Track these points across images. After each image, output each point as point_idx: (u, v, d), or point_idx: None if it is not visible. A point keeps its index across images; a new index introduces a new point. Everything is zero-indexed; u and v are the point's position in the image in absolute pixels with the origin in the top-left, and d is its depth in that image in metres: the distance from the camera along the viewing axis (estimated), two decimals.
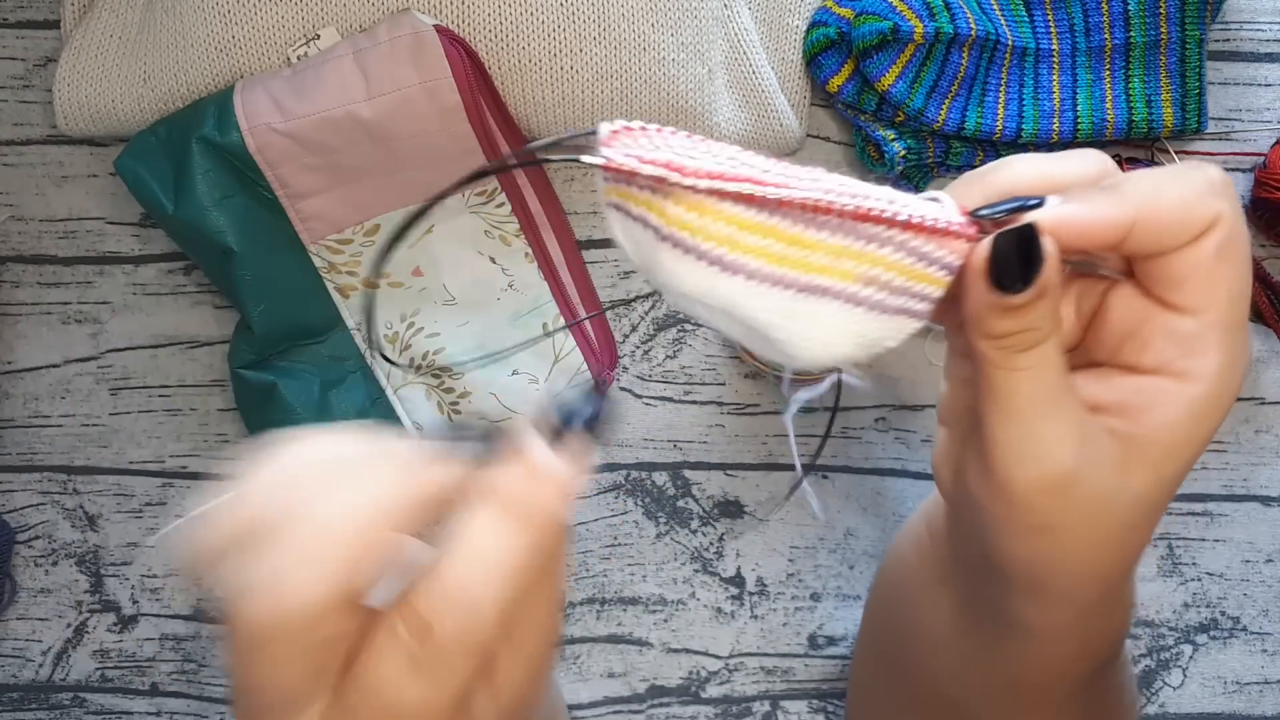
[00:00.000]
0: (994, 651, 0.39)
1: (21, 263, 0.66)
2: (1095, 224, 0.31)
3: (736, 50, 0.63)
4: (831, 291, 0.30)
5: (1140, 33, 0.63)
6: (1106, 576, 0.35)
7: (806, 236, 0.29)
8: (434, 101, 0.58)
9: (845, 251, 0.29)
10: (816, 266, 0.29)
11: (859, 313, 0.31)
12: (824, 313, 0.30)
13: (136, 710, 0.66)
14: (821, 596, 0.66)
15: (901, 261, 0.30)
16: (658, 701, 0.66)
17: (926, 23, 0.60)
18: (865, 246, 0.30)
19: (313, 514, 0.28)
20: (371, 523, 0.28)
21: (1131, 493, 0.32)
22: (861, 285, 0.30)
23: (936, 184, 0.66)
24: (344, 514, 0.28)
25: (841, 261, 0.30)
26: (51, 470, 0.66)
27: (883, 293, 0.31)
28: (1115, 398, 0.33)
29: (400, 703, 0.28)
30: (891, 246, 0.30)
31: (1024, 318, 0.31)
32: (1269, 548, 0.66)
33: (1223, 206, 0.31)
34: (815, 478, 0.66)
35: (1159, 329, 0.32)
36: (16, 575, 0.66)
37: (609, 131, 0.28)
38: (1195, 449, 0.32)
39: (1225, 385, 0.32)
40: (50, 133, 0.66)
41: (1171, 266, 0.32)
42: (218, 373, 0.66)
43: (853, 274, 0.30)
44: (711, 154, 0.29)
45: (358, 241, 0.63)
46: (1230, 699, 0.66)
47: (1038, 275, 0.30)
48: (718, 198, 0.28)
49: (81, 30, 0.63)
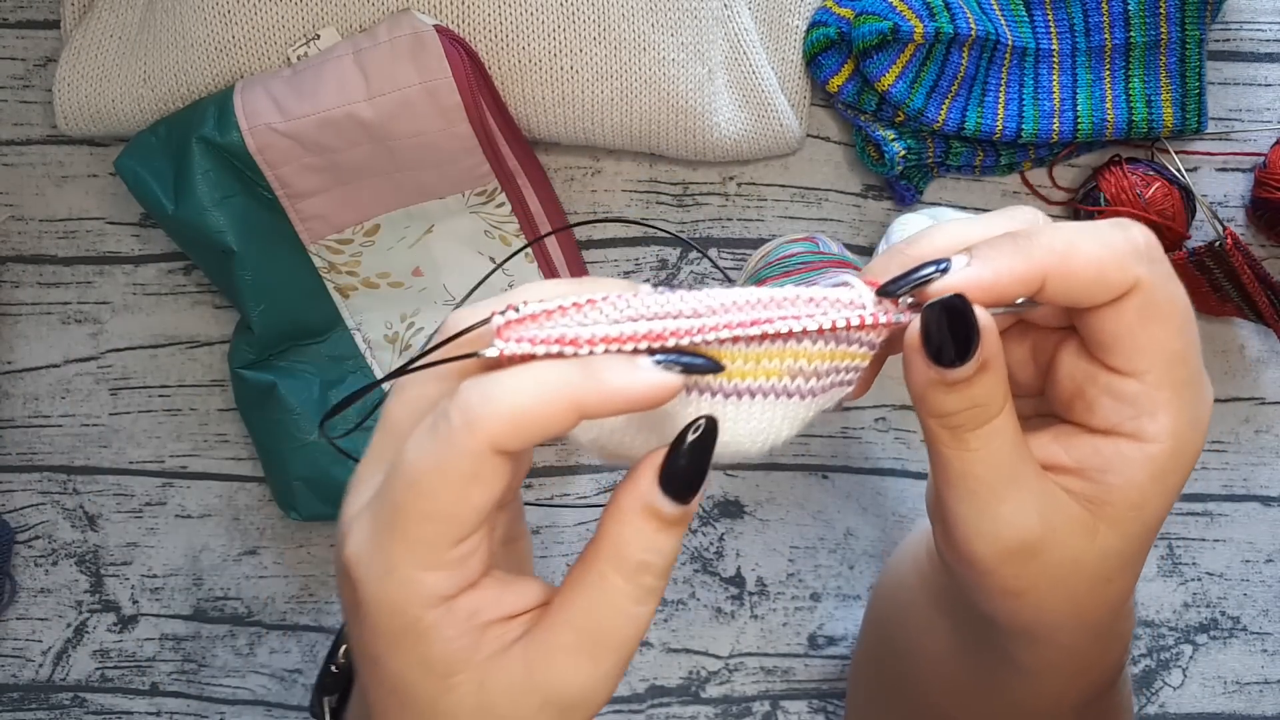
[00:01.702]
0: (989, 679, 0.39)
1: (22, 263, 0.66)
2: (1000, 280, 0.30)
3: (736, 50, 0.63)
4: (760, 390, 0.31)
5: (1140, 33, 0.63)
6: (1090, 625, 0.34)
7: (723, 352, 0.30)
8: (434, 101, 0.58)
9: (765, 355, 0.30)
10: (739, 373, 0.30)
11: (791, 401, 0.31)
12: (756, 409, 0.31)
13: (136, 710, 0.66)
14: (821, 596, 0.66)
15: (823, 350, 0.31)
16: (658, 701, 0.66)
17: (926, 23, 0.60)
18: (784, 347, 0.30)
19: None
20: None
21: (1099, 552, 0.32)
22: (788, 379, 0.31)
23: (936, 184, 0.66)
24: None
25: (763, 364, 0.30)
26: (51, 470, 0.66)
27: (811, 380, 0.31)
28: (1074, 459, 0.32)
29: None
30: (809, 340, 0.30)
31: (968, 393, 0.30)
32: (1269, 547, 0.66)
33: (1141, 271, 0.30)
34: (816, 477, 0.66)
35: (1103, 389, 0.32)
36: (16, 575, 0.66)
37: (501, 323, 0.29)
38: (1161, 506, 0.32)
39: (1182, 443, 0.31)
40: (50, 133, 0.66)
41: (1100, 327, 0.31)
42: (217, 373, 0.66)
43: (777, 371, 0.30)
44: (605, 316, 0.29)
45: (358, 241, 0.63)
46: (1230, 699, 0.66)
47: (975, 349, 0.30)
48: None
49: (81, 30, 0.63)
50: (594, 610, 0.30)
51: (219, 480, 0.66)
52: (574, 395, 0.28)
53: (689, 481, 0.29)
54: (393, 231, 0.63)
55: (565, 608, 0.30)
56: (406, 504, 0.28)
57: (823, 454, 0.66)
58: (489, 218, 0.63)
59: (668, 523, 0.29)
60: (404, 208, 0.62)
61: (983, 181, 0.66)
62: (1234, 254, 0.63)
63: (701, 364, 0.29)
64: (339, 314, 0.64)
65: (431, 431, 0.28)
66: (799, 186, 0.66)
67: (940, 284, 0.30)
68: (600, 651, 0.30)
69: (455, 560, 0.29)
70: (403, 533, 0.28)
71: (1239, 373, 0.66)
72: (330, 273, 0.63)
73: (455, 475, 0.28)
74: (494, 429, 0.27)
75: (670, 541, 0.30)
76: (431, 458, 0.28)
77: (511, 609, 0.31)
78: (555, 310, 0.29)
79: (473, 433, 0.27)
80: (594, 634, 0.30)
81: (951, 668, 0.41)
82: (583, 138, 0.63)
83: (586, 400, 0.28)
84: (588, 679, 0.30)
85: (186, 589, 0.66)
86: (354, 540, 0.30)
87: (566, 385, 0.28)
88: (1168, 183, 0.62)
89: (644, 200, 0.66)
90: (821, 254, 0.61)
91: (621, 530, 0.29)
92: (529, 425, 0.27)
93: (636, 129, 0.63)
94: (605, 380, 0.28)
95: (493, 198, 0.62)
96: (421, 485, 0.28)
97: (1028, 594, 0.33)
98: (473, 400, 0.28)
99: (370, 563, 0.29)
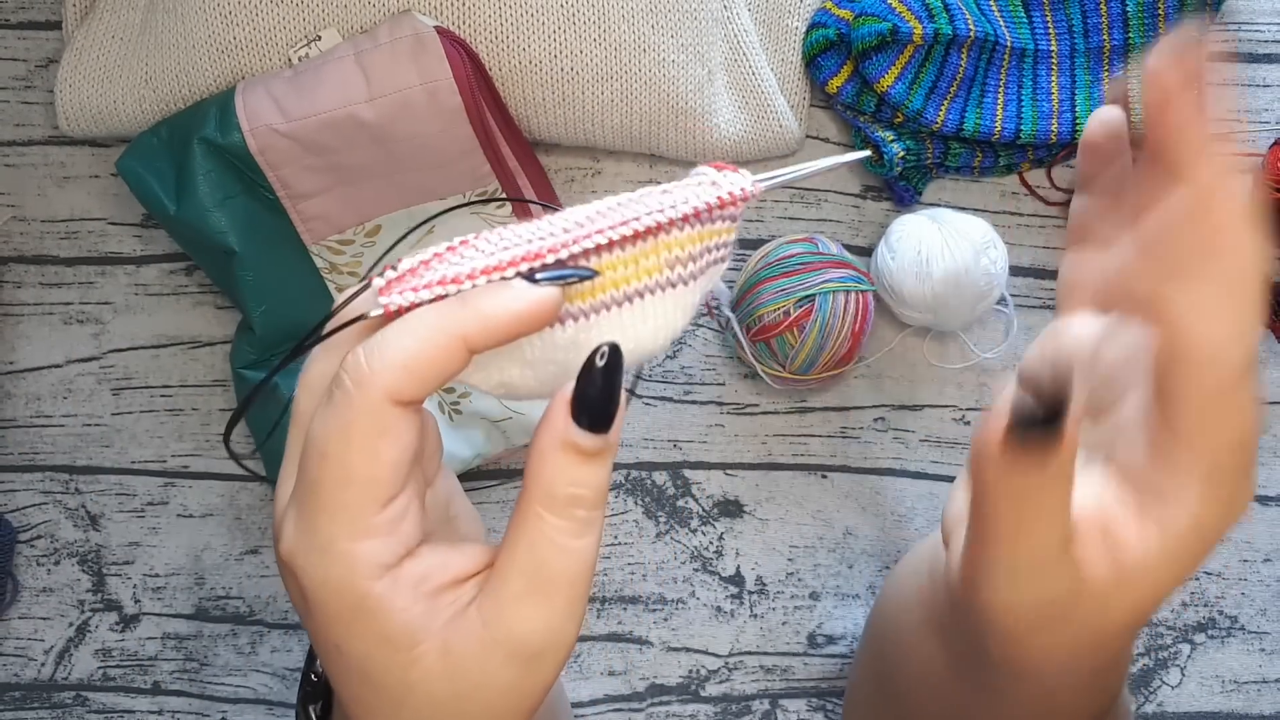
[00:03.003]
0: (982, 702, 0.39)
1: (24, 263, 0.67)
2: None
3: (736, 52, 0.63)
4: (646, 289, 0.31)
5: (1139, 34, 0.63)
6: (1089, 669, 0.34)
7: (602, 263, 0.31)
8: (435, 103, 0.58)
9: (640, 255, 0.31)
10: (622, 279, 0.31)
11: (678, 290, 0.32)
12: (649, 308, 0.32)
13: (138, 709, 0.66)
14: (820, 595, 0.66)
15: (691, 234, 0.32)
16: (657, 700, 0.66)
17: (925, 24, 0.60)
18: (656, 241, 0.31)
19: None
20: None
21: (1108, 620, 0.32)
22: (668, 270, 0.31)
23: (935, 185, 0.66)
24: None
25: (641, 264, 0.31)
26: (54, 470, 0.67)
27: (689, 265, 0.32)
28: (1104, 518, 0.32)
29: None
30: (676, 229, 0.31)
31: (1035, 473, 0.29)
32: (1267, 547, 0.66)
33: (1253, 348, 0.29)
34: (815, 477, 0.66)
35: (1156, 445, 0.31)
36: (19, 574, 0.66)
37: (380, 286, 0.30)
38: (1175, 585, 0.32)
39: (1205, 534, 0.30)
40: (52, 133, 0.66)
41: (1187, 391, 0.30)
42: (219, 373, 0.66)
43: (656, 266, 0.31)
44: (480, 250, 0.30)
45: (359, 242, 0.63)
46: (1228, 698, 0.67)
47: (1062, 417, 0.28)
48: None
49: (83, 31, 0.63)
50: (534, 550, 0.30)
51: (220, 480, 0.67)
52: (456, 329, 0.28)
53: (602, 410, 0.29)
54: (394, 232, 0.63)
55: (509, 556, 0.30)
56: (321, 477, 0.28)
57: (821, 453, 0.66)
58: (489, 218, 0.63)
59: (588, 455, 0.29)
60: (405, 208, 0.62)
61: (981, 182, 0.66)
62: None
63: (574, 273, 0.30)
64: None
65: (329, 401, 0.28)
66: (798, 187, 0.66)
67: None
68: (550, 589, 0.30)
69: (385, 525, 0.29)
70: (324, 506, 0.29)
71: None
72: (332, 273, 0.63)
73: (359, 435, 0.28)
74: (386, 380, 0.28)
75: (595, 473, 0.30)
76: (334, 424, 0.28)
77: (459, 572, 0.31)
78: (431, 259, 0.30)
79: (367, 389, 0.28)
80: (540, 574, 0.30)
81: (946, 687, 0.41)
82: (583, 139, 0.63)
83: (469, 331, 0.28)
84: (544, 622, 0.30)
85: (188, 588, 0.66)
86: (285, 535, 0.30)
87: (447, 321, 0.28)
88: None
89: None
90: (821, 254, 0.61)
91: (544, 468, 0.29)
92: (419, 369, 0.28)
93: (636, 130, 0.63)
94: (484, 308, 0.28)
95: (493, 197, 0.62)
96: (329, 454, 0.28)
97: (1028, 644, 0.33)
98: (360, 359, 0.28)
99: (305, 550, 0.29)
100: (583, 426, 0.29)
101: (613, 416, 0.29)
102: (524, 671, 0.30)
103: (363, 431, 0.28)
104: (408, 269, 0.30)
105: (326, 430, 0.28)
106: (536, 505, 0.29)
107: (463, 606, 0.30)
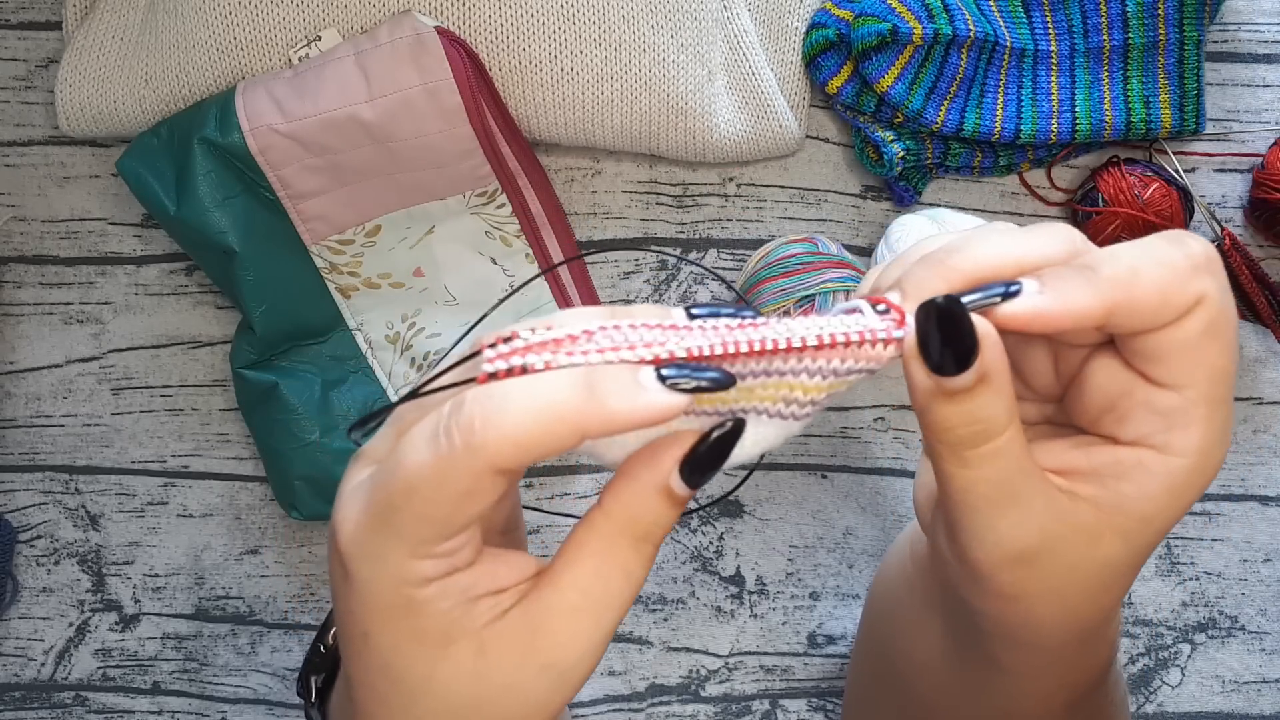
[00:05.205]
0: (976, 680, 0.39)
1: (24, 263, 0.67)
2: (1070, 314, 0.30)
3: (736, 52, 0.63)
4: (753, 410, 0.31)
5: (1139, 34, 0.63)
6: (1080, 629, 0.34)
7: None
8: (435, 103, 0.58)
9: (757, 388, 0.30)
10: (731, 399, 0.31)
11: (787, 422, 0.31)
12: (753, 426, 0.31)
13: (138, 709, 0.66)
14: (821, 595, 0.66)
15: (819, 384, 0.30)
16: (657, 700, 0.66)
17: (925, 24, 0.60)
18: (780, 380, 0.30)
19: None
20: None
21: (1101, 560, 0.32)
22: (782, 405, 0.31)
23: (935, 185, 0.66)
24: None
25: (756, 393, 0.31)
26: (53, 470, 0.67)
27: (805, 407, 0.31)
28: (1091, 466, 0.32)
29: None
30: (805, 375, 0.30)
31: (968, 409, 0.30)
32: (1267, 547, 0.66)
33: (1207, 284, 0.30)
34: (815, 477, 0.66)
35: (1139, 402, 0.31)
36: (18, 574, 0.66)
37: (489, 354, 0.29)
38: (1170, 520, 0.32)
39: (1206, 461, 0.31)
40: (52, 133, 0.66)
41: (1153, 343, 0.30)
42: (219, 373, 0.66)
43: (771, 398, 0.31)
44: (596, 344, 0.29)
45: (359, 242, 0.63)
46: (1228, 698, 0.67)
47: (974, 358, 0.29)
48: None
49: (83, 31, 0.63)
50: (602, 572, 0.30)
51: (220, 480, 0.67)
52: (577, 418, 0.27)
53: (705, 471, 0.30)
54: (394, 232, 0.63)
55: (570, 570, 0.31)
56: (402, 506, 0.28)
57: (822, 453, 0.66)
58: (490, 218, 0.63)
59: (678, 501, 0.30)
60: (405, 208, 0.62)
61: (981, 182, 0.66)
62: (1232, 255, 0.63)
63: (710, 378, 0.28)
64: (340, 314, 0.64)
65: (433, 442, 0.28)
66: (798, 187, 0.66)
67: (1006, 311, 0.30)
68: (602, 611, 0.30)
69: (447, 552, 0.29)
70: (397, 530, 0.29)
71: (1237, 373, 0.66)
72: (331, 273, 0.63)
73: (453, 490, 0.28)
74: (495, 452, 0.27)
75: (675, 517, 0.31)
76: (431, 469, 0.28)
77: (504, 581, 0.31)
78: (549, 342, 0.29)
79: (474, 455, 0.27)
80: (598, 595, 0.30)
81: (941, 668, 0.41)
82: (583, 139, 0.63)
83: (590, 423, 0.28)
84: (588, 639, 0.30)
85: (188, 588, 0.66)
86: (348, 523, 0.30)
87: (569, 407, 0.27)
88: (1166, 184, 0.62)
89: (644, 201, 0.66)
90: (820, 255, 0.61)
91: (635, 501, 0.30)
92: (530, 448, 0.27)
93: (636, 130, 0.63)
94: (609, 403, 0.28)
95: (493, 198, 0.62)
96: (419, 493, 0.28)
97: (1021, 599, 0.33)
98: (475, 420, 0.27)
99: (363, 547, 0.29)
100: (684, 477, 0.30)
101: (709, 478, 0.30)
102: (555, 684, 0.31)
103: (458, 489, 0.28)
104: (523, 345, 0.29)
105: (422, 470, 0.28)
106: (617, 530, 0.30)
107: (502, 611, 0.30)
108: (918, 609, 0.42)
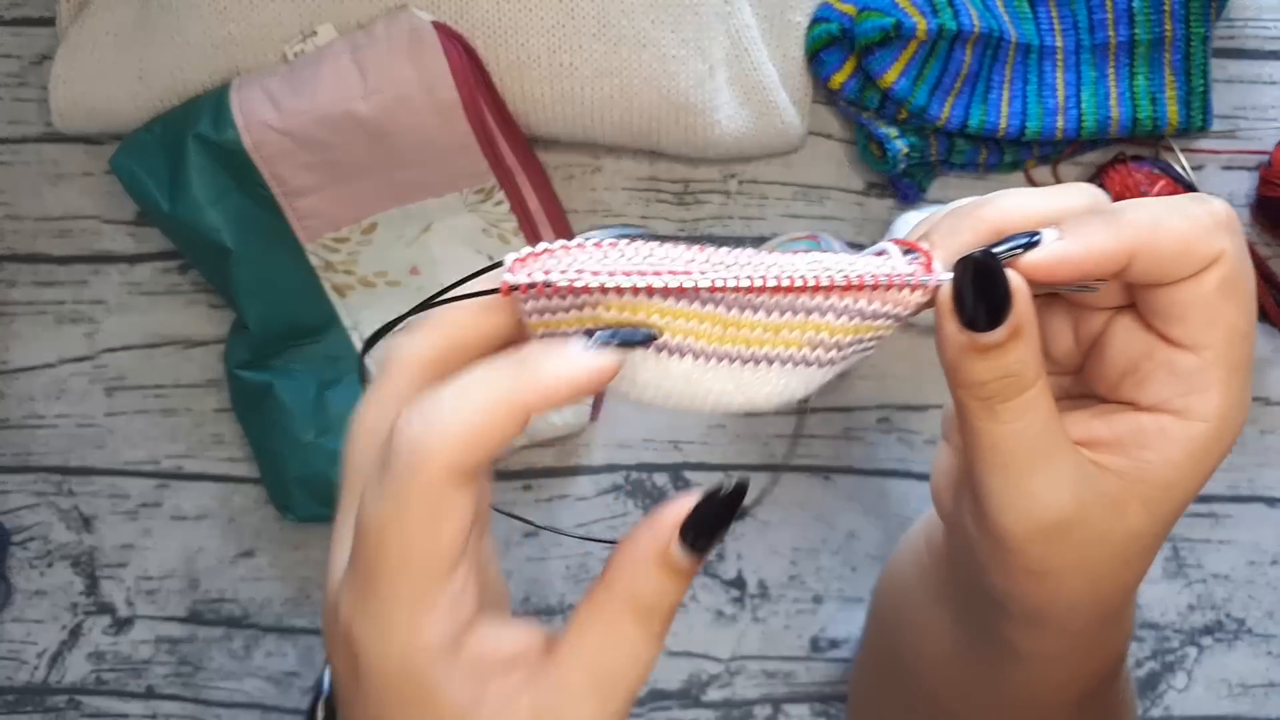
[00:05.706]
0: (991, 671, 0.39)
1: (16, 261, 0.66)
2: (1092, 256, 0.30)
3: (738, 47, 0.63)
4: (778, 358, 0.30)
5: (1145, 30, 0.63)
6: (1103, 609, 0.34)
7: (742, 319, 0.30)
8: (432, 99, 0.57)
9: (784, 326, 0.30)
10: (756, 340, 0.30)
11: (810, 369, 0.31)
12: (772, 375, 0.31)
13: (132, 713, 0.66)
14: (824, 599, 0.66)
15: (846, 325, 0.30)
16: (658, 705, 0.66)
17: (930, 19, 0.60)
18: (806, 319, 0.30)
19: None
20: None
21: (1127, 530, 0.32)
22: (808, 349, 0.30)
23: (940, 182, 0.65)
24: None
25: (781, 334, 0.30)
26: (46, 471, 0.66)
27: (831, 351, 0.31)
28: (1113, 434, 0.32)
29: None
30: (833, 314, 0.30)
31: (1001, 362, 0.30)
32: (1274, 549, 0.66)
33: (1226, 242, 0.30)
34: (818, 479, 0.66)
35: (1159, 364, 0.31)
36: (11, 577, 0.66)
37: (513, 259, 0.28)
38: (1193, 488, 0.32)
39: (1226, 425, 0.31)
40: (45, 130, 0.66)
41: (1172, 300, 0.31)
42: (213, 372, 0.66)
43: (797, 342, 0.30)
44: (625, 257, 0.29)
45: (354, 240, 0.62)
46: (1235, 701, 0.66)
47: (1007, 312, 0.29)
48: (646, 294, 0.29)
49: (77, 27, 0.62)
50: (607, 651, 0.29)
51: (215, 481, 0.66)
52: (514, 399, 0.27)
53: (709, 535, 0.29)
54: (390, 230, 0.62)
55: (575, 649, 0.30)
56: (379, 565, 0.27)
57: (825, 455, 0.66)
58: (487, 215, 0.62)
59: (681, 572, 0.29)
60: (401, 206, 0.62)
61: (986, 179, 0.66)
62: None
63: (636, 336, 0.29)
64: (335, 313, 0.63)
65: (381, 478, 0.27)
66: (801, 184, 0.66)
67: (1030, 259, 0.30)
68: (611, 694, 0.30)
69: (448, 601, 0.28)
70: (382, 591, 0.28)
71: None
72: (327, 271, 0.63)
73: (417, 520, 0.27)
74: (444, 459, 0.26)
75: (681, 590, 0.30)
76: (389, 509, 0.27)
77: (511, 652, 0.30)
78: (573, 246, 0.29)
79: (422, 470, 0.26)
80: (607, 676, 0.29)
81: (952, 660, 0.41)
82: (582, 135, 0.63)
83: (528, 400, 0.27)
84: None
85: (182, 591, 0.66)
86: (344, 610, 0.29)
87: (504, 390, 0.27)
88: (1172, 181, 0.62)
89: (644, 198, 0.66)
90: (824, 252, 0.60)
91: (638, 574, 0.29)
92: (479, 443, 0.27)
93: (636, 126, 0.62)
94: (543, 378, 0.27)
95: (491, 195, 0.62)
96: (387, 541, 0.27)
97: (1050, 574, 0.32)
98: (415, 432, 0.27)
99: (364, 629, 0.28)
100: (685, 544, 0.29)
101: (715, 544, 0.29)
102: None
103: (420, 518, 0.27)
104: (544, 249, 0.28)
105: (381, 516, 0.27)
106: (620, 607, 0.29)
107: (512, 697, 0.29)
108: (929, 601, 0.42)
